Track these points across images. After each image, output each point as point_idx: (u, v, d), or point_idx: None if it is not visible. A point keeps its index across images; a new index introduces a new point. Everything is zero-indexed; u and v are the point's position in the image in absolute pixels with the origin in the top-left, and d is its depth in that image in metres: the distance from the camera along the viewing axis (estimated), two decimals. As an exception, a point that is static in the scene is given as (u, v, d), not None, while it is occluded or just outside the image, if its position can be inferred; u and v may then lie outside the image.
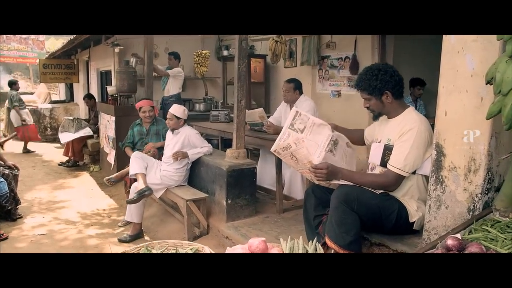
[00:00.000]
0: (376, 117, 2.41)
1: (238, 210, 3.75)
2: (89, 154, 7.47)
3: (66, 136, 7.19)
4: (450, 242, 1.56)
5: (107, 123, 6.13)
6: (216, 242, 3.60)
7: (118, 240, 3.89)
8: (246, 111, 3.98)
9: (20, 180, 5.09)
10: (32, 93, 14.23)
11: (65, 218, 4.61)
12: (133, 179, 3.98)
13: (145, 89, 6.07)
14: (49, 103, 12.12)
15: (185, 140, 4.02)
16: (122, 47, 6.53)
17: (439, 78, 2.03)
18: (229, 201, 3.69)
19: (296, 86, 4.30)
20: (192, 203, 3.69)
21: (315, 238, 2.19)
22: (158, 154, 4.31)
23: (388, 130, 2.32)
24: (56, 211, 4.86)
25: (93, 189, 5.87)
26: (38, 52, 16.83)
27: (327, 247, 2.25)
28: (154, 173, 3.96)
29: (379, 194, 2.24)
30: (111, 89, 6.35)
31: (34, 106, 10.83)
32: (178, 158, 3.92)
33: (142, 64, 6.02)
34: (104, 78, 8.65)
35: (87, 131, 7.28)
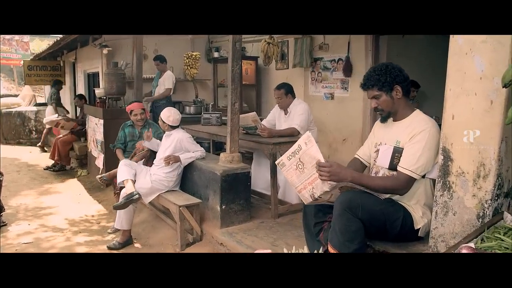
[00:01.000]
0: (385, 118, 2.32)
1: (232, 216, 3.65)
2: (76, 158, 7.29)
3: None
4: (465, 252, 1.50)
5: (95, 126, 5.98)
6: (210, 249, 3.50)
7: (108, 248, 3.75)
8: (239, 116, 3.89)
9: (4, 185, 4.88)
10: (16, 95, 13.88)
11: (52, 225, 4.45)
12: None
13: (134, 91, 5.96)
14: (34, 106, 11.85)
15: (177, 144, 3.91)
16: (110, 49, 6.37)
17: (446, 80, 1.96)
18: (223, 206, 3.59)
19: (287, 91, 4.22)
20: (185, 209, 3.58)
21: (320, 248, 2.10)
22: (150, 159, 4.19)
23: (396, 133, 2.24)
24: (43, 218, 4.70)
25: (81, 194, 5.70)
26: (22, 54, 16.39)
27: (329, 256, 2.16)
28: (143, 177, 3.84)
29: (383, 199, 2.17)
30: (99, 91, 6.21)
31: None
32: (170, 163, 3.80)
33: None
34: (92, 80, 8.48)
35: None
